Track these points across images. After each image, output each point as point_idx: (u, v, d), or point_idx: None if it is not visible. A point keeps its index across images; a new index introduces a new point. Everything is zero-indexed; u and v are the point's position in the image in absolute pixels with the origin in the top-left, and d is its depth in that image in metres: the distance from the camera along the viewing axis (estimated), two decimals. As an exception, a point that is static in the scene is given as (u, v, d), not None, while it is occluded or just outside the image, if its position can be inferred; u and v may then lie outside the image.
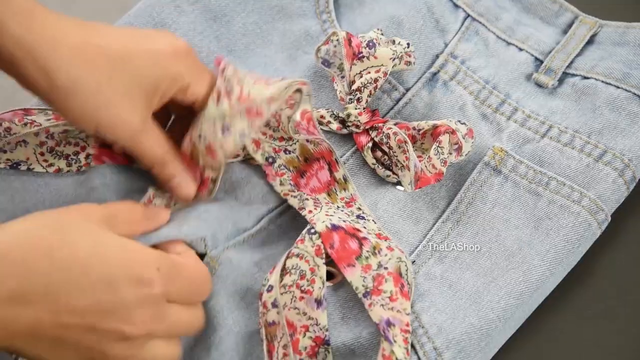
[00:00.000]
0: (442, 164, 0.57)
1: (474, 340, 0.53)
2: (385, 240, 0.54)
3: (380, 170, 0.60)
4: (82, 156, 0.56)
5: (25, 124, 0.55)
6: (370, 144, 0.60)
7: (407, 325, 0.50)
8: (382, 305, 0.51)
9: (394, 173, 0.59)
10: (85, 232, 0.45)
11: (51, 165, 0.55)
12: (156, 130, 0.53)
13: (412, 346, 0.52)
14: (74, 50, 0.48)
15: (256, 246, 0.57)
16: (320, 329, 0.51)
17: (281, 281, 0.52)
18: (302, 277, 0.52)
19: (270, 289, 0.52)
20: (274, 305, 0.51)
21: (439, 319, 0.53)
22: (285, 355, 0.51)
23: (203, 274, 0.50)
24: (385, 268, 0.52)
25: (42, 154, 0.55)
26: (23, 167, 0.54)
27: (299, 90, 0.55)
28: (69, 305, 0.42)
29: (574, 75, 0.64)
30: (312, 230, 0.54)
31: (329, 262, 0.54)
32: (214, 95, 0.53)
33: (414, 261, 0.56)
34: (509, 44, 0.66)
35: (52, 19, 0.48)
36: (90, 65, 0.48)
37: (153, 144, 0.53)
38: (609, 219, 0.59)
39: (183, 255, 0.50)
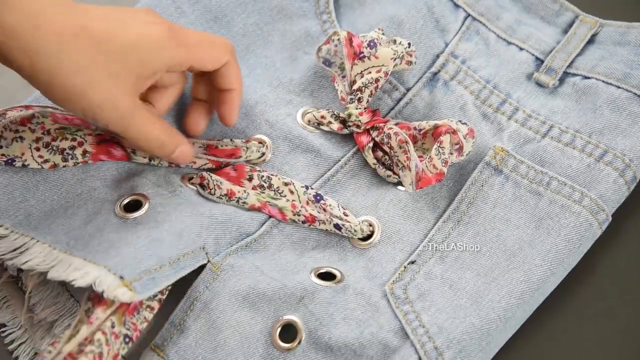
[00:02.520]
0: (443, 164, 0.57)
1: (474, 339, 0.53)
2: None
3: (381, 171, 0.60)
4: (78, 152, 0.55)
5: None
6: (371, 144, 0.60)
7: None
8: None
9: (394, 173, 0.59)
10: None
11: (46, 161, 0.55)
12: (148, 111, 0.52)
13: (413, 345, 0.52)
14: (57, 31, 0.47)
15: (258, 250, 0.57)
16: None
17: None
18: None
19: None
20: None
21: (439, 318, 0.53)
22: None
23: None
24: None
25: (37, 149, 0.54)
26: (18, 163, 0.54)
27: None
28: None
29: (574, 75, 0.64)
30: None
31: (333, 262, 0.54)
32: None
33: (415, 261, 0.56)
34: (509, 43, 0.66)
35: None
36: (72, 46, 0.47)
37: (146, 124, 0.51)
38: (610, 219, 0.59)
39: None
